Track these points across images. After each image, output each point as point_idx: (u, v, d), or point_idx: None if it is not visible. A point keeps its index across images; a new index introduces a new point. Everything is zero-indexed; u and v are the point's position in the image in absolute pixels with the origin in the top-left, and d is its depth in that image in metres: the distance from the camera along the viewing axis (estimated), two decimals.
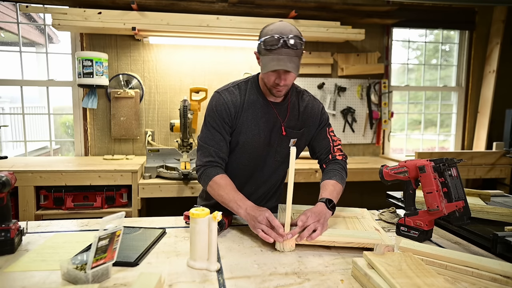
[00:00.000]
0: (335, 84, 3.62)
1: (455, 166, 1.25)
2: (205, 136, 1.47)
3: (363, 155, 3.78)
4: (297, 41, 1.31)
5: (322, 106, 1.59)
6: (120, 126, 3.23)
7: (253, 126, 1.47)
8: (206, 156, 1.45)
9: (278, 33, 1.30)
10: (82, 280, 0.94)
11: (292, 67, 1.30)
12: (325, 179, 1.47)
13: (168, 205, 3.08)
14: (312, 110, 1.55)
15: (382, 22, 3.57)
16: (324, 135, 1.57)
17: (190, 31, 2.99)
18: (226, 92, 1.47)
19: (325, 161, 1.57)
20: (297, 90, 1.56)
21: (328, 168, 1.53)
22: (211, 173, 1.43)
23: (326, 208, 1.30)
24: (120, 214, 0.98)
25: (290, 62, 1.30)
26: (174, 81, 3.35)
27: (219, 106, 1.45)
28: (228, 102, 1.45)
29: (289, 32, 1.31)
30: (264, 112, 1.48)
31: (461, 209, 1.21)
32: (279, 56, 1.30)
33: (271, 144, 1.51)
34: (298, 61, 1.35)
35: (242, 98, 1.47)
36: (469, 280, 0.97)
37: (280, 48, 1.30)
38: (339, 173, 1.49)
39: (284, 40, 1.29)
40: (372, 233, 1.25)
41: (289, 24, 1.36)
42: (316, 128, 1.57)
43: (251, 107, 1.47)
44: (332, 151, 1.56)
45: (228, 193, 1.36)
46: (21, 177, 2.52)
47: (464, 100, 4.02)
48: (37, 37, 3.77)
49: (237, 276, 1.03)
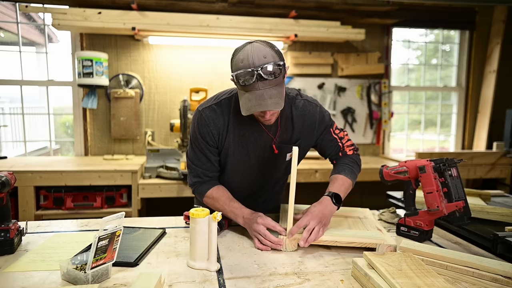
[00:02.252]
0: (335, 84, 3.62)
1: (455, 166, 1.25)
2: (192, 156, 1.41)
3: (363, 155, 3.78)
4: (275, 68, 1.13)
5: (319, 108, 1.43)
6: (120, 126, 3.23)
7: (241, 148, 1.36)
8: (194, 176, 1.42)
9: (249, 65, 1.13)
10: (82, 280, 0.94)
11: (273, 103, 1.14)
12: (334, 173, 1.41)
13: (168, 205, 3.08)
14: (309, 116, 1.40)
15: (382, 22, 3.57)
16: (329, 137, 1.45)
17: (190, 31, 2.99)
18: (207, 111, 1.34)
19: (335, 158, 1.49)
20: (288, 97, 1.38)
21: (338, 163, 1.46)
22: (202, 190, 1.41)
23: (331, 203, 1.27)
24: (120, 214, 0.98)
25: (270, 98, 1.14)
26: (174, 81, 3.35)
27: (201, 128, 1.34)
28: (209, 124, 1.32)
29: (262, 60, 1.13)
30: (252, 131, 1.34)
31: (461, 209, 1.20)
32: (257, 93, 1.14)
33: (265, 163, 1.42)
34: (280, 89, 1.17)
35: (226, 118, 1.33)
36: (470, 280, 0.97)
37: (255, 83, 1.13)
38: (349, 167, 1.42)
39: (258, 74, 1.12)
40: (375, 233, 1.25)
41: (262, 46, 1.17)
42: (318, 135, 1.44)
43: (237, 127, 1.34)
44: (342, 149, 1.47)
45: (223, 205, 1.35)
46: (21, 177, 2.52)
47: (464, 100, 4.02)
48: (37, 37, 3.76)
49: (237, 276, 1.02)
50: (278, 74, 1.15)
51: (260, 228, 1.22)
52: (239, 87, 1.19)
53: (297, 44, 3.50)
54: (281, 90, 1.18)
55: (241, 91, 1.19)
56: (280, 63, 1.15)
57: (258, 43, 1.19)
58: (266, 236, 1.20)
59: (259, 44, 1.18)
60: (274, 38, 3.25)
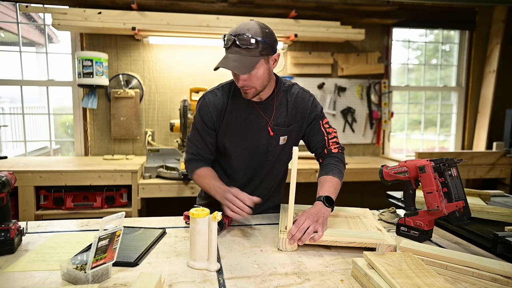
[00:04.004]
0: (335, 84, 3.62)
1: (455, 166, 1.25)
2: (191, 135, 1.55)
3: (363, 155, 3.78)
4: (250, 40, 1.24)
5: (313, 98, 1.51)
6: (120, 126, 3.23)
7: (238, 128, 1.46)
8: (190, 153, 1.55)
9: (233, 32, 1.27)
10: (82, 280, 0.94)
11: (235, 66, 1.25)
12: (321, 175, 1.45)
13: (168, 205, 3.08)
14: (302, 103, 1.48)
15: (382, 22, 3.57)
16: (317, 129, 1.50)
17: (190, 31, 2.99)
18: (209, 94, 1.48)
19: (321, 155, 1.53)
20: (285, 85, 1.49)
21: (324, 163, 1.50)
22: (193, 167, 1.53)
23: (324, 206, 1.29)
24: (120, 214, 0.98)
25: (235, 61, 1.25)
26: (174, 81, 3.35)
27: (202, 109, 1.47)
28: (210, 105, 1.45)
29: (245, 31, 1.25)
30: (248, 113, 1.45)
31: (461, 209, 1.20)
32: (227, 55, 1.28)
33: (260, 145, 1.48)
34: (250, 61, 1.26)
35: (225, 100, 1.46)
36: (470, 280, 0.97)
37: (231, 47, 1.27)
38: (335, 167, 1.46)
39: (234, 39, 1.25)
40: (375, 233, 1.25)
41: (254, 23, 1.30)
42: (308, 123, 1.50)
43: (235, 109, 1.45)
44: (327, 145, 1.50)
45: (208, 183, 1.46)
46: (21, 177, 2.52)
47: (464, 100, 4.02)
48: (37, 37, 3.76)
49: (237, 276, 1.02)
50: (254, 47, 1.26)
51: (230, 196, 1.32)
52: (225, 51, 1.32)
53: (297, 44, 3.50)
54: (251, 62, 1.27)
55: None
56: (258, 38, 1.25)
57: (254, 21, 1.31)
58: (235, 202, 1.31)
59: (254, 22, 1.31)
60: None
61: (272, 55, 1.34)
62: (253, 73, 1.30)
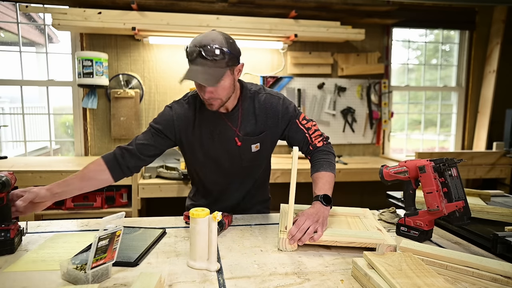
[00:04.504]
0: (335, 84, 3.62)
1: (455, 166, 1.25)
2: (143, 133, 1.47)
3: (363, 155, 3.78)
4: (216, 51, 1.21)
5: (282, 100, 1.46)
6: (120, 126, 3.23)
7: (208, 140, 1.44)
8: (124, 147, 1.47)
9: (197, 43, 1.23)
10: (82, 280, 0.94)
11: (203, 78, 1.21)
12: (313, 172, 1.44)
13: (168, 205, 3.08)
14: (271, 108, 1.44)
15: (382, 22, 3.57)
16: (295, 129, 1.47)
17: (190, 31, 2.99)
18: (176, 105, 1.45)
19: (307, 153, 1.51)
20: (250, 92, 1.45)
21: (313, 159, 1.48)
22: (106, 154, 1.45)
23: (323, 205, 1.28)
24: (120, 214, 0.98)
25: (202, 73, 1.22)
26: (174, 81, 3.35)
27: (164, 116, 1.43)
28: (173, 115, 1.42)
29: (210, 42, 1.22)
30: (216, 124, 1.42)
31: (461, 209, 1.20)
32: (192, 67, 1.24)
33: (232, 155, 1.46)
34: (217, 73, 1.24)
35: (192, 112, 1.43)
36: (470, 280, 0.97)
37: (196, 59, 1.23)
38: (325, 161, 1.44)
39: (199, 51, 1.21)
40: (375, 233, 1.25)
41: (217, 33, 1.26)
42: (284, 126, 1.47)
43: (203, 121, 1.43)
44: (310, 142, 1.48)
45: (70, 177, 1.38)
46: (21, 177, 2.52)
47: (464, 100, 4.02)
48: (37, 37, 3.76)
49: (237, 276, 1.02)
50: (220, 58, 1.23)
51: None
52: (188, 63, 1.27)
53: (297, 44, 3.50)
54: (218, 74, 1.24)
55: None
56: (223, 49, 1.23)
57: (217, 31, 1.29)
58: None
59: (217, 32, 1.28)
60: (274, 38, 3.25)
61: (237, 65, 1.33)
62: (220, 85, 1.27)
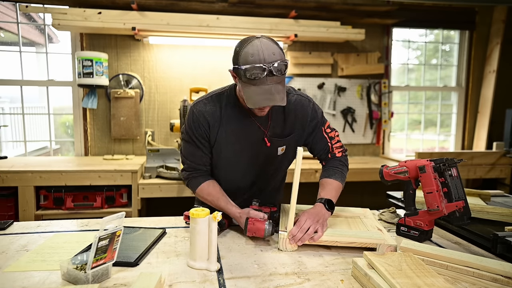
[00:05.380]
0: (335, 84, 3.62)
1: (455, 166, 1.25)
2: (185, 151, 1.46)
3: (363, 155, 3.78)
4: (282, 66, 1.19)
5: (312, 103, 1.44)
6: (120, 126, 3.23)
7: (234, 141, 1.39)
8: (187, 170, 1.47)
9: (261, 61, 1.16)
10: (82, 280, 0.94)
11: (280, 98, 1.19)
12: (324, 177, 1.44)
13: (168, 205, 3.08)
14: (301, 110, 1.42)
15: (382, 22, 3.57)
16: (320, 135, 1.46)
17: (190, 31, 2.99)
18: (199, 106, 1.38)
19: (324, 159, 1.51)
20: None
21: (327, 165, 1.48)
22: (194, 184, 1.45)
23: (324, 208, 1.29)
24: (120, 214, 0.98)
25: (278, 93, 1.19)
26: (174, 81, 3.35)
27: (193, 122, 1.38)
28: (200, 118, 1.36)
29: (272, 57, 1.17)
30: (244, 124, 1.37)
31: (461, 209, 1.20)
32: (265, 88, 1.18)
33: (256, 157, 1.43)
34: (284, 85, 1.23)
35: (218, 112, 1.37)
36: (470, 280, 0.97)
37: (265, 78, 1.17)
38: (339, 170, 1.44)
39: (269, 70, 1.16)
40: (375, 233, 1.26)
41: (268, 43, 1.20)
42: (310, 131, 1.45)
43: (230, 122, 1.37)
44: (331, 151, 1.48)
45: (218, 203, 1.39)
46: (21, 177, 2.52)
47: (464, 100, 4.02)
48: (37, 37, 3.76)
49: (237, 276, 1.02)
50: (284, 71, 1.20)
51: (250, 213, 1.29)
52: (245, 80, 1.20)
53: (297, 44, 3.50)
54: (284, 86, 1.24)
55: (246, 84, 1.21)
56: (286, 61, 1.21)
57: (265, 38, 1.22)
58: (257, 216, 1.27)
59: (266, 40, 1.21)
60: (274, 38, 3.24)
61: None
62: None
